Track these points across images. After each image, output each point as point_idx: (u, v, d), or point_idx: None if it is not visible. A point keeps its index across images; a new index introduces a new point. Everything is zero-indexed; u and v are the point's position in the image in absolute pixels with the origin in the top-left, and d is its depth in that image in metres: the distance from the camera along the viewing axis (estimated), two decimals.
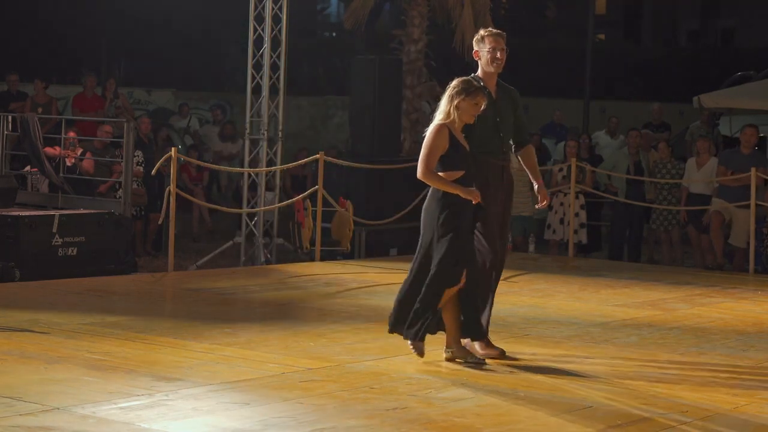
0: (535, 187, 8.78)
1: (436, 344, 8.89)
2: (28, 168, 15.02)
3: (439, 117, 8.07)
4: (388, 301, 11.00)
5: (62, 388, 6.98)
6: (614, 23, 41.20)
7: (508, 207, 8.70)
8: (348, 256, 15.08)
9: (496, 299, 8.68)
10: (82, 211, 13.65)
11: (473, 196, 7.96)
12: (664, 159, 16.23)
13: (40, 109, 17.11)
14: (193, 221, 17.91)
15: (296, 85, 23.04)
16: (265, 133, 15.11)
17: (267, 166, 15.20)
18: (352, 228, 15.05)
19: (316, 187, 14.48)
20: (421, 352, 8.05)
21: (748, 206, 14.60)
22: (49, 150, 14.74)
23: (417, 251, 8.15)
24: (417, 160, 8.04)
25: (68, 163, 14.82)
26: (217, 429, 6.28)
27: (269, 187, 15.52)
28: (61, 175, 14.47)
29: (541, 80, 28.05)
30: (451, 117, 8.01)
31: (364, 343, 8.83)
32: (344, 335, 9.12)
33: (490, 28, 8.80)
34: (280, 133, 15.31)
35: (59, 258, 12.93)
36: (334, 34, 32.38)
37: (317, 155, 14.70)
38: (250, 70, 15.15)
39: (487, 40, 8.58)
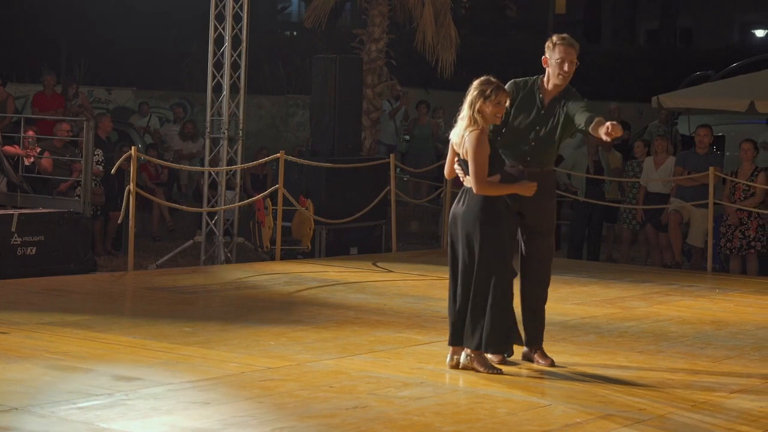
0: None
1: (398, 343, 8.90)
2: None
3: (463, 123, 7.72)
4: (349, 299, 11.08)
5: (21, 388, 6.95)
6: (574, 23, 41.33)
7: (536, 214, 8.38)
8: (308, 255, 15.07)
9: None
10: (41, 210, 13.58)
11: (528, 189, 7.82)
12: (639, 159, 16.29)
13: None
14: (153, 220, 17.85)
15: (257, 84, 22.98)
16: (226, 131, 15.08)
17: (227, 165, 15.17)
18: (312, 227, 15.05)
19: (277, 186, 14.47)
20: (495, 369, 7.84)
21: (705, 205, 14.71)
22: (8, 149, 14.65)
23: (453, 261, 7.90)
24: (377, 159, 7.98)
25: (27, 162, 14.74)
26: (176, 428, 6.27)
27: (230, 186, 15.48)
28: (20, 174, 14.39)
29: (501, 80, 28.02)
30: (477, 123, 7.66)
31: (324, 342, 8.83)
32: (304, 334, 9.12)
33: (563, 36, 8.17)
34: (240, 132, 15.28)
35: (18, 257, 12.87)
36: (294, 33, 32.29)
37: (278, 154, 14.70)
38: (210, 69, 15.11)
39: (557, 50, 8.08)
